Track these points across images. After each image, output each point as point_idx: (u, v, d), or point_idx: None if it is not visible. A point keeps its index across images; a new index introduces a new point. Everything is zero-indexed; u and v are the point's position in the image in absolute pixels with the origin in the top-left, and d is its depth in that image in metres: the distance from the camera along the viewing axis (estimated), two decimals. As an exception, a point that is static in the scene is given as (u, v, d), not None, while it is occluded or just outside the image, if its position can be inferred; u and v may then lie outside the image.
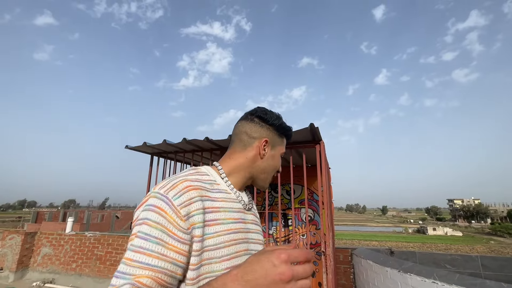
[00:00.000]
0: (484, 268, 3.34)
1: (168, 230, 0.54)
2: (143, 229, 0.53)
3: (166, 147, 3.09)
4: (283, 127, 0.83)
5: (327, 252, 2.46)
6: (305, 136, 2.60)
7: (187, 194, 0.59)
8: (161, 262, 0.52)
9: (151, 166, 3.38)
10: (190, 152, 3.20)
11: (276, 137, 0.81)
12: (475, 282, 2.10)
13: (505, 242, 46.18)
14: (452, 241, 45.29)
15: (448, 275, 2.33)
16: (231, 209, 0.69)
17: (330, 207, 3.68)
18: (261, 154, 0.78)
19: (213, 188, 0.68)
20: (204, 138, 2.75)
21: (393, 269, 2.77)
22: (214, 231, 0.62)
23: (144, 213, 0.56)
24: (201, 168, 0.74)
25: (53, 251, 5.61)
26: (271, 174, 0.83)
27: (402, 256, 3.74)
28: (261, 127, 0.79)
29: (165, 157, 3.40)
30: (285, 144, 0.86)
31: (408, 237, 54.07)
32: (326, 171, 3.09)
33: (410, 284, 2.53)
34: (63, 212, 26.00)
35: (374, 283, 3.09)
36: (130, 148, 3.11)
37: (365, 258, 3.35)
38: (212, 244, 0.61)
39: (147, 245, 0.52)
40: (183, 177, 0.64)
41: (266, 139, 0.78)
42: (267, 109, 0.83)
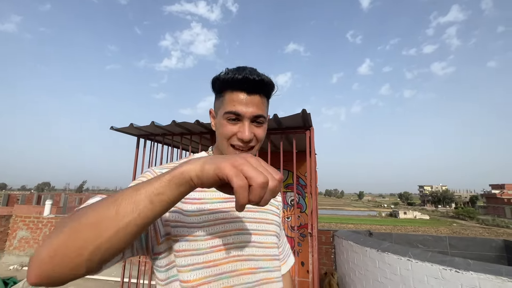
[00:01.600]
0: (451, 247, 3.69)
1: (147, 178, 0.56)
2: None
3: (154, 129, 3.01)
4: (218, 82, 0.64)
5: (314, 233, 2.58)
6: (296, 122, 2.63)
7: None
8: None
9: (138, 149, 3.29)
10: (179, 135, 3.14)
11: (216, 102, 0.68)
12: (445, 259, 2.31)
13: (466, 224, 50.61)
14: (420, 224, 48.95)
15: (421, 253, 2.54)
16: None
17: (315, 192, 3.81)
18: (212, 126, 0.72)
19: None
20: (195, 121, 2.70)
21: (372, 248, 2.97)
22: (197, 209, 0.60)
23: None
24: (196, 154, 0.72)
25: (30, 235, 5.41)
26: (222, 144, 0.67)
27: (380, 237, 4.02)
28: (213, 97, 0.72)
29: (152, 140, 3.31)
30: (229, 99, 0.63)
31: (381, 220, 57.68)
32: (313, 157, 3.17)
33: (387, 262, 2.73)
34: (37, 195, 24.89)
35: (354, 261, 3.31)
36: (115, 129, 2.99)
37: (346, 239, 3.56)
38: (195, 222, 0.59)
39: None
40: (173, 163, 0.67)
41: (210, 109, 0.72)
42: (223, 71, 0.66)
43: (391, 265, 2.67)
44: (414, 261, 2.46)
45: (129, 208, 0.39)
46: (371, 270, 2.93)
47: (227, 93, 0.63)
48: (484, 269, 2.05)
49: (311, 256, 2.55)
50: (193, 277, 0.55)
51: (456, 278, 2.13)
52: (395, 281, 2.61)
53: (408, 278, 2.48)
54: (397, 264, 2.61)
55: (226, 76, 0.62)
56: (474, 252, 3.65)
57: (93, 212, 0.39)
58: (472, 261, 2.18)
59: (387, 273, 2.71)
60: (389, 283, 2.68)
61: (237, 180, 0.37)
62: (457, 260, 2.25)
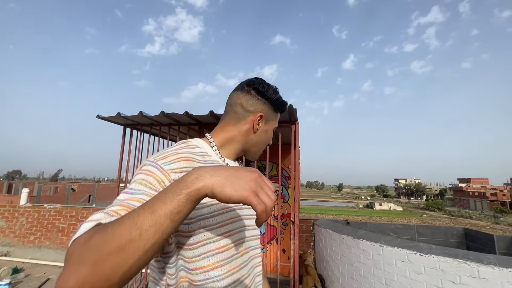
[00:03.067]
0: (419, 235, 4.05)
1: (152, 185, 0.55)
2: (131, 186, 0.56)
3: (141, 119, 3.01)
4: (279, 102, 0.81)
5: (296, 222, 2.75)
6: (283, 116, 2.75)
7: (178, 163, 0.62)
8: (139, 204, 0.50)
9: (124, 138, 3.27)
10: (167, 125, 3.16)
11: (271, 112, 0.81)
12: (411, 244, 2.57)
13: (434, 215, 54.24)
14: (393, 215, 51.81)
15: (391, 240, 2.80)
16: None
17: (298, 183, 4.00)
18: (254, 128, 0.78)
19: (205, 160, 0.69)
20: (184, 112, 2.74)
21: (348, 236, 3.20)
22: (208, 200, 0.62)
23: (135, 176, 0.59)
24: (191, 141, 0.74)
25: (6, 224, 5.23)
26: (262, 148, 0.85)
27: (356, 226, 4.31)
28: (257, 100, 0.77)
29: (139, 130, 3.30)
30: (278, 118, 0.86)
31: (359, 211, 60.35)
32: (297, 149, 3.32)
33: (361, 248, 2.98)
34: (8, 183, 23.52)
35: (331, 248, 3.55)
36: (102, 118, 2.95)
37: (325, 228, 3.79)
38: (207, 213, 0.63)
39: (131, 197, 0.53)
40: (173, 150, 0.65)
41: (261, 114, 0.78)
42: (265, 81, 0.79)
43: (365, 250, 2.91)
44: (385, 246, 2.70)
45: (152, 230, 0.40)
46: (347, 255, 3.18)
47: (278, 114, 0.85)
48: (444, 253, 2.32)
49: (293, 243, 2.73)
50: (207, 263, 0.61)
51: (420, 261, 2.40)
52: (368, 265, 2.86)
53: (379, 262, 2.73)
54: (370, 249, 2.86)
55: (283, 106, 0.84)
56: (439, 239, 4.04)
57: (114, 238, 0.38)
58: (434, 246, 2.44)
59: (361, 258, 2.95)
60: (362, 267, 2.93)
61: (260, 207, 0.44)
62: (421, 245, 2.51)
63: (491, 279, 2.04)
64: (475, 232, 3.75)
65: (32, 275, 4.19)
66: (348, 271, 3.14)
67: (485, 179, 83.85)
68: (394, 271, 2.58)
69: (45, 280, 4.00)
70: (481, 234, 3.68)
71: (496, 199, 66.25)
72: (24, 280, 3.97)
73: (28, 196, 5.54)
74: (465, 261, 2.16)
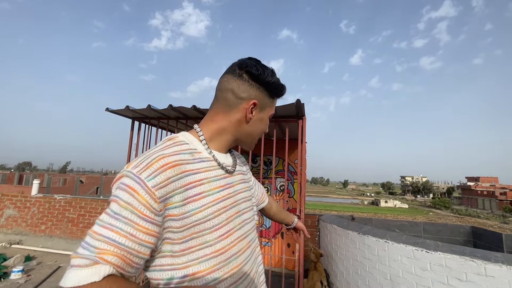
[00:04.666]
0: (425, 232, 4.02)
1: (138, 212, 0.52)
2: (113, 207, 0.52)
3: (149, 112, 3.04)
4: (276, 87, 0.72)
5: (301, 216, 2.77)
6: (290, 111, 2.74)
7: (164, 174, 0.56)
8: (128, 242, 0.51)
9: (132, 131, 3.32)
10: (175, 119, 3.19)
11: (266, 98, 0.72)
12: (417, 241, 2.57)
13: (441, 213, 53.63)
14: (399, 212, 51.42)
15: (397, 236, 2.79)
16: (215, 178, 0.66)
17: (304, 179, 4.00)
18: (247, 118, 0.70)
19: (194, 159, 0.64)
20: (191, 106, 2.76)
21: (353, 231, 3.21)
22: (201, 204, 0.60)
23: (116, 191, 0.54)
24: (178, 136, 0.68)
25: (18, 213, 5.39)
26: (257, 137, 0.77)
27: (361, 221, 4.30)
28: (250, 86, 0.69)
29: (147, 123, 3.34)
30: (275, 104, 0.77)
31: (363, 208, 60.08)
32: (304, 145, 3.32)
33: (366, 243, 2.98)
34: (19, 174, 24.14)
35: (336, 243, 3.56)
36: (111, 111, 2.99)
37: (330, 223, 3.80)
38: (201, 218, 0.60)
39: (116, 223, 0.51)
40: (159, 153, 0.59)
41: (255, 101, 0.69)
42: (259, 62, 0.70)
43: (370, 246, 2.92)
44: (390, 242, 2.70)
45: None
46: (352, 251, 3.19)
47: (275, 99, 0.77)
48: (451, 250, 2.31)
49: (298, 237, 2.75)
50: (202, 268, 0.60)
51: (426, 257, 2.39)
52: (373, 260, 2.87)
53: (384, 258, 2.73)
54: (375, 245, 2.86)
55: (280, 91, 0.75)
56: (445, 236, 4.01)
57: None
58: (441, 243, 2.43)
59: (366, 253, 2.96)
60: (367, 263, 2.93)
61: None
62: (428, 242, 2.50)
63: (498, 277, 2.02)
64: (483, 231, 3.71)
65: (44, 263, 4.33)
66: (352, 266, 3.15)
67: (494, 178, 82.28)
68: (400, 267, 2.58)
69: (56, 268, 4.13)
70: (489, 233, 3.63)
71: (506, 199, 64.99)
72: (36, 268, 4.11)
73: (39, 187, 5.69)
74: (472, 258, 2.15)
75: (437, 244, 2.44)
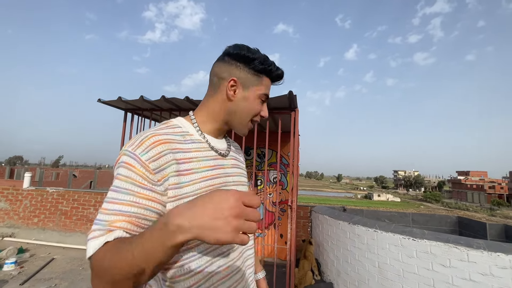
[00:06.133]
0: (413, 222, 4.15)
1: (137, 182, 0.57)
2: (116, 183, 0.58)
3: (142, 103, 3.03)
4: (260, 62, 0.72)
5: (293, 206, 2.82)
6: (282, 103, 2.76)
7: (155, 149, 0.61)
8: (133, 208, 0.55)
9: (125, 122, 3.30)
10: (167, 110, 3.18)
11: (249, 76, 0.73)
12: (405, 230, 2.65)
13: (431, 206, 54.88)
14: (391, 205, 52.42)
15: (386, 225, 2.88)
16: (205, 158, 0.70)
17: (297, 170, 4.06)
18: (229, 96, 0.72)
19: (185, 140, 0.68)
20: (184, 98, 2.76)
21: (344, 222, 3.29)
22: (190, 179, 0.64)
23: (117, 170, 0.60)
24: (172, 121, 0.73)
25: (10, 206, 5.34)
26: (246, 118, 0.76)
27: (353, 212, 4.40)
28: (229, 65, 0.72)
29: (140, 115, 3.33)
30: (265, 84, 0.76)
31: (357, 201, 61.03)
32: (297, 137, 3.35)
33: (356, 233, 3.06)
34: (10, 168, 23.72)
35: (327, 233, 3.65)
36: (103, 102, 2.97)
37: (322, 214, 3.88)
38: (190, 191, 0.64)
39: (119, 196, 0.56)
40: (151, 132, 0.63)
41: (233, 78, 0.71)
42: (241, 45, 0.72)
43: (360, 235, 3.00)
44: (379, 231, 2.79)
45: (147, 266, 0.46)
46: (342, 240, 3.27)
47: (265, 78, 0.75)
48: (436, 238, 2.40)
49: (290, 227, 2.81)
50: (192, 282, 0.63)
51: (413, 245, 2.48)
52: (362, 249, 2.95)
53: (373, 246, 2.82)
54: (365, 234, 2.94)
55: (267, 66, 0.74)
56: (432, 226, 4.14)
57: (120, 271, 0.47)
58: (427, 232, 2.52)
59: (356, 242, 3.04)
60: (357, 251, 3.02)
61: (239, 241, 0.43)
62: (415, 230, 2.59)
63: (479, 262, 2.12)
64: (468, 220, 3.84)
65: (37, 255, 4.32)
66: (343, 255, 3.24)
67: (484, 172, 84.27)
68: (387, 255, 2.67)
69: (50, 259, 4.13)
70: (474, 222, 3.77)
71: (494, 192, 66.80)
72: (30, 260, 4.10)
73: (30, 180, 5.63)
74: (456, 245, 2.24)
75: (423, 233, 2.53)
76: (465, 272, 2.16)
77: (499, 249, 2.11)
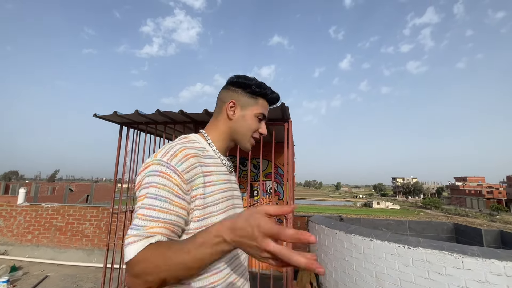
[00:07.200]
0: (410, 230, 4.14)
1: (173, 191, 0.64)
2: (152, 191, 0.63)
3: (137, 117, 3.06)
4: (256, 86, 0.85)
5: (288, 217, 2.82)
6: (275, 114, 2.82)
7: (188, 161, 0.69)
8: (168, 215, 0.62)
9: (120, 137, 3.32)
10: (162, 124, 3.21)
11: (246, 98, 0.85)
12: (400, 238, 2.66)
13: (431, 213, 54.63)
14: (391, 213, 52.11)
15: (382, 234, 2.88)
16: (220, 172, 0.81)
17: (293, 180, 4.07)
18: (229, 115, 0.84)
19: (204, 155, 0.78)
20: (179, 111, 2.80)
21: (340, 231, 3.28)
22: (211, 190, 0.74)
23: (150, 178, 0.64)
24: (191, 136, 0.82)
25: (3, 223, 5.25)
26: (246, 134, 0.87)
27: (350, 221, 4.39)
28: (230, 91, 0.86)
29: (135, 128, 3.36)
30: (262, 104, 0.87)
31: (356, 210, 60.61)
32: (291, 147, 3.39)
33: (353, 242, 3.05)
34: (5, 184, 23.39)
35: (325, 243, 3.63)
36: (98, 116, 3.00)
37: (319, 224, 3.86)
38: (210, 201, 0.73)
39: (156, 202, 0.61)
40: (182, 146, 0.72)
41: (233, 101, 0.84)
42: (241, 75, 0.87)
43: (356, 245, 2.99)
44: (375, 241, 2.78)
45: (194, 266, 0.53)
46: (339, 250, 3.25)
47: (261, 99, 0.88)
48: (431, 245, 2.40)
49: (286, 238, 2.80)
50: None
51: (409, 253, 2.48)
52: (359, 259, 2.94)
53: (370, 255, 2.81)
54: (361, 244, 2.94)
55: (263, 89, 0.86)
56: (429, 234, 4.13)
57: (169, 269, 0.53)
58: (422, 239, 2.53)
59: (353, 252, 3.03)
60: (354, 261, 3.00)
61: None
62: (410, 238, 2.59)
63: (474, 269, 2.12)
64: (464, 227, 3.84)
65: (30, 273, 4.23)
66: (340, 265, 3.22)
67: (481, 178, 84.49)
68: (384, 264, 2.66)
69: (43, 277, 4.04)
70: (470, 229, 3.77)
71: (492, 197, 66.79)
72: (23, 278, 4.01)
73: (25, 196, 5.57)
74: (451, 253, 2.25)
75: (418, 241, 2.53)
76: (461, 280, 2.16)
77: (493, 256, 2.11)
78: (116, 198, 3.38)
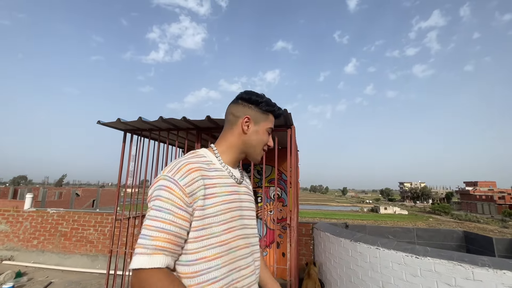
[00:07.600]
0: (418, 238, 4.03)
1: (176, 204, 0.71)
2: (157, 203, 0.71)
3: (140, 124, 3.07)
4: (264, 104, 0.94)
5: (292, 225, 2.77)
6: (279, 121, 2.80)
7: (190, 175, 0.75)
8: (172, 227, 0.70)
9: (124, 143, 3.34)
10: (166, 130, 3.22)
11: (259, 114, 0.93)
12: (407, 247, 2.58)
13: (441, 219, 53.36)
14: (399, 219, 51.10)
15: (388, 242, 2.80)
16: (225, 184, 0.86)
17: (297, 186, 4.02)
18: (244, 130, 0.91)
19: (210, 168, 0.84)
20: (182, 118, 2.80)
21: (346, 239, 3.21)
22: (212, 202, 0.79)
23: (157, 192, 0.73)
24: (199, 151, 0.89)
25: (10, 228, 5.32)
26: (258, 147, 0.95)
27: (355, 229, 4.30)
28: (243, 107, 0.92)
29: (139, 135, 3.37)
30: (271, 120, 0.97)
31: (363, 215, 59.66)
32: (295, 153, 3.36)
33: (358, 250, 2.98)
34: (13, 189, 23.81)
35: (330, 251, 3.56)
36: (102, 123, 3.03)
37: (323, 231, 3.79)
38: (210, 213, 0.78)
39: (160, 214, 0.70)
40: (186, 161, 0.79)
41: (248, 116, 0.91)
42: (251, 91, 0.95)
43: (362, 253, 2.92)
44: (381, 249, 2.71)
45: None
46: (345, 258, 3.18)
47: (270, 116, 0.97)
48: (439, 255, 2.32)
49: (289, 246, 2.75)
50: (209, 254, 0.76)
51: (416, 263, 2.40)
52: (365, 268, 2.86)
53: (376, 264, 2.73)
54: (367, 252, 2.86)
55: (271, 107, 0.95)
56: (438, 242, 4.01)
57: None
58: (430, 249, 2.45)
59: (359, 260, 2.96)
60: (359, 270, 2.93)
61: None
62: (417, 247, 2.51)
63: (485, 281, 2.03)
64: (475, 235, 3.72)
65: (35, 279, 4.25)
66: (346, 274, 3.14)
67: (492, 182, 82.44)
68: (391, 274, 2.58)
69: (48, 283, 4.05)
70: (481, 237, 3.64)
71: (504, 203, 64.94)
72: (27, 284, 4.03)
73: (32, 201, 5.64)
74: (460, 263, 2.16)
75: (426, 250, 2.45)
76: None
77: (505, 267, 2.03)
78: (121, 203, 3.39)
